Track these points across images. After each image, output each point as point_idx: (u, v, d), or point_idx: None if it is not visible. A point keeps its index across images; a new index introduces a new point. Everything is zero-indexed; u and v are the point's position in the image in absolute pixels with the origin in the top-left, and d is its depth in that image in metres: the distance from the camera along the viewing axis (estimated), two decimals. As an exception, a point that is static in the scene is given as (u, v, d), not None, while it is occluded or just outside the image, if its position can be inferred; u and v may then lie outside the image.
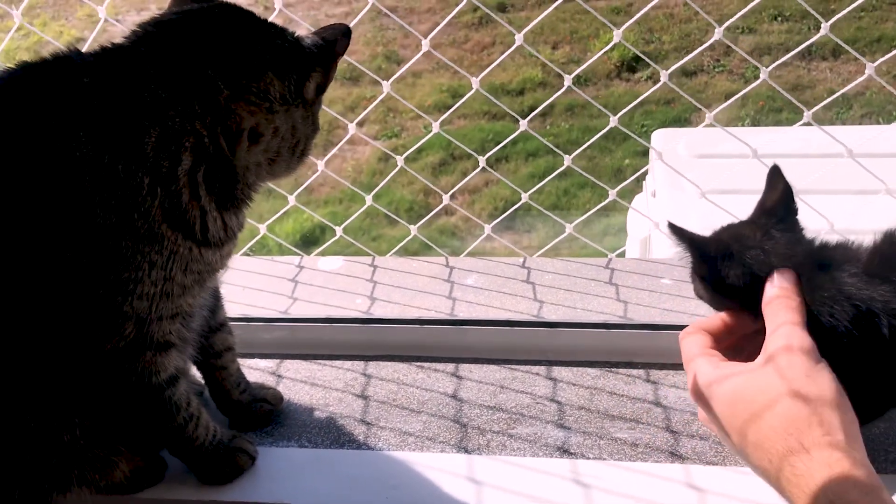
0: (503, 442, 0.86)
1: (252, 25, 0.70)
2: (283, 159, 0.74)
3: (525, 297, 1.07)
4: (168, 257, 0.66)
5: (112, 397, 0.73)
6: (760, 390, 0.66)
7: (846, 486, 0.59)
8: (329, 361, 0.98)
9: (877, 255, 0.74)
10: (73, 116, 0.62)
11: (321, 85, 0.75)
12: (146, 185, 0.63)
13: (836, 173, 1.01)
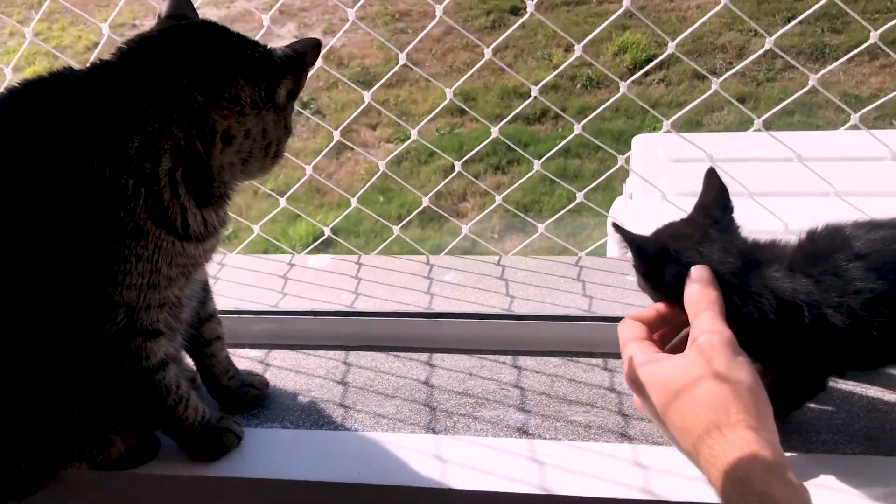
0: (468, 424, 0.93)
1: (225, 39, 0.77)
2: (255, 159, 0.80)
3: (498, 292, 1.14)
4: (153, 251, 0.74)
5: (107, 379, 0.81)
6: (685, 375, 0.73)
7: (754, 463, 0.65)
8: (313, 351, 1.06)
9: (800, 253, 0.80)
10: (64, 128, 0.70)
11: (292, 91, 0.81)
12: (131, 186, 0.71)
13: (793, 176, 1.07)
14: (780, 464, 0.66)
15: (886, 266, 0.75)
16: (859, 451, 0.84)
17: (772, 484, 0.64)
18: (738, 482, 0.65)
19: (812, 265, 0.78)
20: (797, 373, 0.83)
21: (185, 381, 0.87)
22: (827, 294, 0.76)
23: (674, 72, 5.03)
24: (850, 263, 0.76)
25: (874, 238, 0.77)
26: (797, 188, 1.11)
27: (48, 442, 0.83)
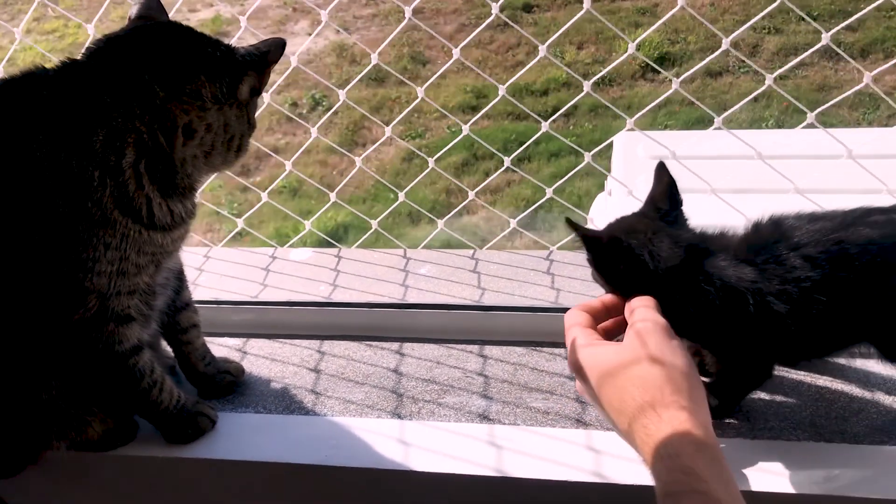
0: (432, 409, 0.97)
1: (187, 38, 0.81)
2: (218, 153, 0.84)
3: (470, 284, 1.18)
4: (121, 240, 0.78)
5: (83, 363, 0.85)
6: (622, 358, 0.76)
7: (684, 441, 0.69)
8: (290, 340, 1.11)
9: (745, 243, 0.84)
10: (33, 123, 0.75)
11: (255, 87, 0.85)
12: (97, 178, 0.75)
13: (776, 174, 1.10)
14: (709, 444, 0.69)
15: (823, 255, 0.78)
16: (803, 437, 0.87)
17: (698, 461, 0.66)
18: (668, 458, 0.68)
19: (755, 254, 0.81)
20: (743, 359, 0.86)
21: (159, 367, 0.92)
22: (769, 282, 0.79)
23: (686, 69, 5.02)
24: (790, 252, 0.79)
25: (813, 229, 0.80)
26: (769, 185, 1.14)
27: (30, 423, 0.88)
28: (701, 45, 5.13)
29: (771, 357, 0.87)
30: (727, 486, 0.66)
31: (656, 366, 0.74)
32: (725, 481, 0.67)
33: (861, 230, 0.78)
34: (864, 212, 0.81)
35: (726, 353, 0.87)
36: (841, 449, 0.86)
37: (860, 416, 0.89)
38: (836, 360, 0.97)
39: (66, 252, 0.77)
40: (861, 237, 0.77)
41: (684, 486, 0.65)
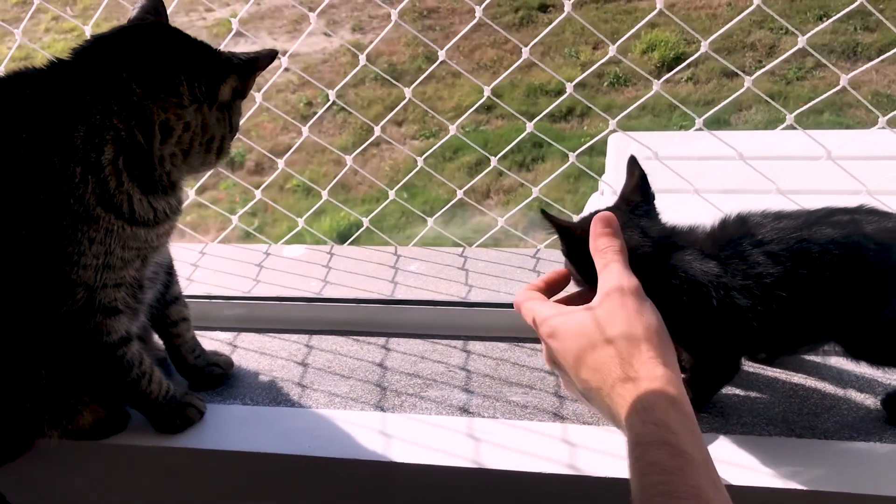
0: (414, 403, 0.99)
1: (170, 38, 0.84)
2: (196, 153, 0.86)
3: (458, 281, 1.20)
4: (105, 234, 0.81)
5: (73, 353, 0.88)
6: (600, 324, 0.77)
7: (659, 396, 0.70)
8: (279, 335, 1.13)
9: (711, 238, 0.85)
10: (16, 121, 0.77)
11: (237, 90, 0.88)
12: (78, 174, 0.77)
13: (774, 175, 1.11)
14: (681, 400, 0.71)
15: (785, 253, 0.80)
16: (775, 433, 0.89)
17: (671, 415, 0.69)
18: (643, 411, 0.70)
19: (720, 249, 0.83)
20: (711, 352, 0.88)
21: (148, 358, 0.94)
22: (733, 276, 0.81)
23: (702, 70, 5.01)
24: (754, 248, 0.81)
25: (777, 227, 0.82)
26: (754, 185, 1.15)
27: (24, 411, 0.91)
28: (717, 45, 5.11)
29: (737, 350, 0.88)
30: (695, 440, 0.68)
31: (633, 325, 0.75)
32: (693, 435, 0.69)
33: (823, 229, 0.79)
34: (827, 212, 0.82)
35: (694, 346, 0.88)
36: (811, 444, 0.87)
37: (831, 413, 0.91)
38: (810, 359, 0.98)
39: (52, 246, 0.79)
40: (823, 236, 0.79)
41: (655, 436, 0.67)
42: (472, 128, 4.64)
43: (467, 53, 5.32)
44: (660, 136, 1.91)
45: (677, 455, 0.65)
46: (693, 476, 0.64)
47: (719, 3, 5.65)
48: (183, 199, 0.92)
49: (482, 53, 5.33)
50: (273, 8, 5.56)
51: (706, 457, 0.68)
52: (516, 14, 5.70)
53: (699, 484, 0.64)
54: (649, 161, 1.25)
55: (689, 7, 5.68)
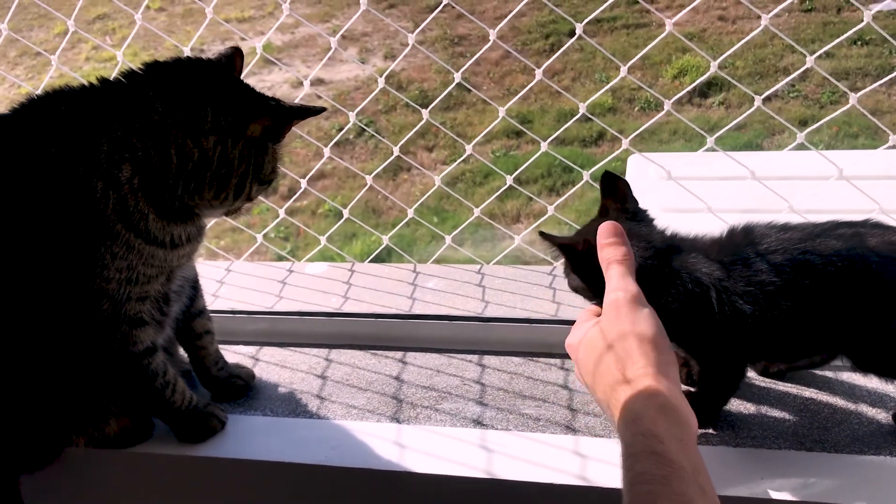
0: (429, 415, 1.01)
1: (213, 73, 0.86)
2: (215, 189, 0.86)
3: (475, 298, 1.22)
4: (127, 251, 0.84)
5: (101, 363, 0.92)
6: (601, 335, 0.79)
7: (647, 404, 0.72)
8: (300, 349, 1.16)
9: (717, 245, 0.87)
10: (49, 135, 0.81)
11: (270, 131, 0.87)
12: (100, 189, 0.80)
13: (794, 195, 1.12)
14: (672, 406, 0.72)
15: (788, 263, 0.81)
16: (785, 446, 0.89)
17: (660, 424, 0.69)
18: (631, 422, 0.71)
19: (725, 255, 0.85)
20: (715, 357, 0.89)
21: (172, 369, 0.98)
22: (735, 282, 0.83)
23: (734, 94, 5.00)
24: (757, 257, 0.83)
25: (782, 237, 0.83)
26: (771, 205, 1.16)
27: (54, 420, 0.95)
28: (749, 69, 5.10)
29: (740, 355, 0.89)
30: (684, 448, 0.68)
31: (628, 338, 0.77)
32: (683, 443, 0.69)
33: (828, 241, 0.81)
34: (832, 225, 0.83)
35: (698, 350, 0.90)
36: (821, 458, 0.87)
37: (842, 427, 0.91)
38: (821, 373, 0.99)
39: (78, 259, 0.83)
40: (827, 248, 0.80)
41: (643, 446, 0.68)
42: (502, 153, 4.67)
43: (497, 80, 5.37)
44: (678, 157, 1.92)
45: (664, 464, 0.66)
46: (679, 484, 0.65)
47: (751, 28, 5.63)
48: (205, 227, 0.94)
49: (512, 79, 5.37)
50: (307, 37, 5.67)
51: (696, 465, 0.68)
52: (546, 40, 5.74)
53: (685, 492, 0.64)
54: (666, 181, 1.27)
55: (720, 32, 5.68)
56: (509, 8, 6.10)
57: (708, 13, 5.76)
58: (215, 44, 5.34)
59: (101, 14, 6.25)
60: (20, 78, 5.38)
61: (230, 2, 6.21)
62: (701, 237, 0.90)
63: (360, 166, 4.57)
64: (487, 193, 4.27)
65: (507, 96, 5.10)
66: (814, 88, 4.88)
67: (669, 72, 5.15)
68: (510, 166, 4.41)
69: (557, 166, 4.38)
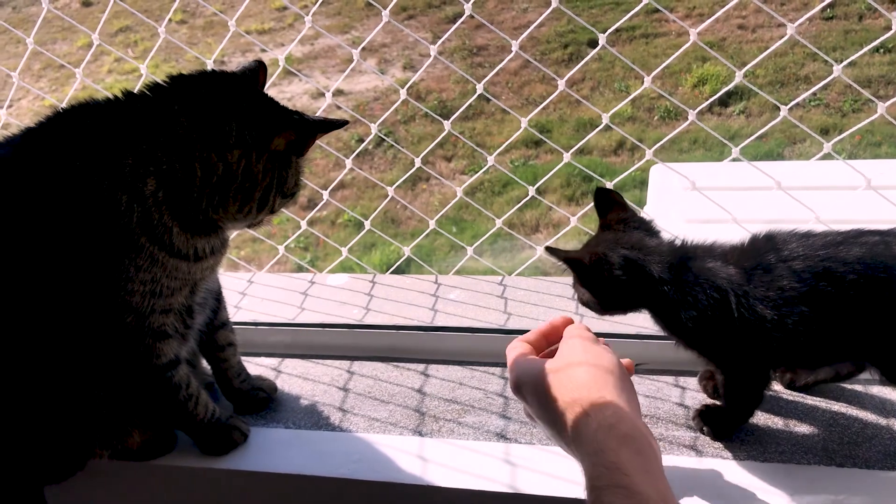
0: (452, 428, 1.01)
1: (237, 87, 0.86)
2: (239, 202, 0.86)
3: (497, 309, 1.22)
4: (151, 264, 0.84)
5: (124, 375, 0.92)
6: (553, 367, 0.79)
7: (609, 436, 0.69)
8: (322, 360, 1.16)
9: (737, 251, 0.87)
10: (74, 148, 0.81)
11: (294, 145, 0.87)
12: (124, 202, 0.80)
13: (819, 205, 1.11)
14: (634, 437, 0.70)
15: (809, 269, 0.80)
16: (814, 461, 0.88)
17: (622, 455, 0.68)
18: (593, 454, 0.69)
19: (745, 260, 0.85)
20: (736, 363, 0.88)
21: (195, 381, 0.98)
22: (756, 287, 0.82)
23: (754, 103, 4.97)
24: (779, 263, 0.82)
25: (805, 244, 0.82)
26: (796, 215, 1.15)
27: (78, 432, 0.95)
28: (770, 78, 5.07)
29: (762, 362, 0.88)
30: (650, 478, 0.67)
31: (581, 367, 0.77)
32: (649, 473, 0.67)
33: (851, 249, 0.80)
34: (857, 232, 0.82)
35: (721, 357, 0.89)
36: (850, 474, 0.86)
37: (873, 442, 0.89)
38: (851, 387, 0.97)
39: (103, 271, 0.83)
40: (850, 255, 0.79)
41: (607, 480, 0.66)
42: (520, 162, 4.66)
43: (516, 89, 5.37)
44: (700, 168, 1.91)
45: (630, 496, 0.64)
46: None
47: (771, 37, 5.60)
48: (228, 239, 0.94)
49: (531, 89, 5.37)
50: (326, 48, 5.70)
51: (663, 494, 0.66)
52: (565, 50, 5.74)
53: None
54: (689, 192, 1.26)
55: (740, 41, 5.65)
56: (527, 18, 6.12)
57: (728, 22, 5.73)
58: (236, 56, 5.38)
59: (124, 27, 6.32)
60: (44, 90, 5.44)
61: (251, 14, 6.26)
62: (718, 244, 0.89)
63: (380, 176, 4.58)
64: (506, 203, 4.26)
65: (526, 106, 5.10)
66: (835, 97, 4.84)
67: (689, 80, 5.13)
68: (529, 176, 4.40)
69: (577, 176, 4.37)
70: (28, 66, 5.92)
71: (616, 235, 0.89)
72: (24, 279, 0.83)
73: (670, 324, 0.87)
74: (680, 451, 0.92)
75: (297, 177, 0.92)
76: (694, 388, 1.02)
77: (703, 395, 1.01)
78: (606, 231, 0.91)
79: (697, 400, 1.00)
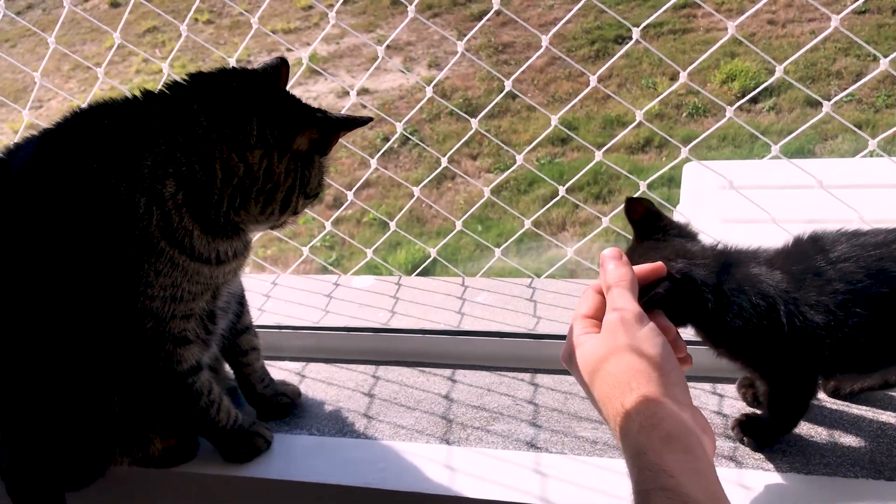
0: (480, 436, 0.97)
1: (259, 84, 0.83)
2: (258, 200, 0.83)
3: (526, 313, 1.18)
4: (171, 268, 0.81)
5: (145, 382, 0.90)
6: (599, 354, 0.73)
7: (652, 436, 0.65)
8: (347, 365, 1.13)
9: (782, 255, 0.82)
10: (91, 150, 0.79)
11: (318, 143, 0.85)
12: (143, 205, 0.78)
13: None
14: (679, 434, 0.66)
15: (863, 270, 0.76)
16: (861, 474, 0.84)
17: (666, 456, 0.64)
18: (636, 455, 0.65)
19: (793, 265, 0.80)
20: (784, 372, 0.83)
21: (217, 387, 0.95)
22: (806, 292, 0.78)
23: (784, 99, 4.89)
24: (829, 265, 0.78)
25: (855, 244, 0.78)
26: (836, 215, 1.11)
27: (99, 438, 0.93)
28: (801, 73, 4.98)
29: (811, 370, 0.84)
30: (699, 478, 0.63)
31: (623, 356, 0.71)
32: (698, 472, 0.64)
33: None
34: None
35: (766, 366, 0.84)
36: (901, 488, 0.82)
37: (924, 455, 0.85)
38: (895, 394, 0.93)
39: (121, 276, 0.80)
40: None
41: (652, 483, 0.63)
42: (546, 160, 4.62)
43: (542, 87, 5.32)
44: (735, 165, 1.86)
45: (676, 498, 0.61)
46: None
47: (801, 32, 5.50)
48: (251, 241, 0.91)
49: (557, 86, 5.32)
50: (352, 47, 5.69)
51: (715, 494, 0.62)
52: (592, 47, 5.68)
53: None
54: (725, 190, 1.22)
55: (770, 36, 5.56)
56: (553, 15, 6.06)
57: (757, 17, 5.64)
58: (261, 55, 5.37)
59: (151, 27, 6.35)
60: (73, 91, 5.48)
61: (276, 13, 6.26)
62: (761, 248, 0.84)
63: (405, 175, 4.56)
64: (532, 201, 4.22)
65: (553, 103, 5.05)
66: (868, 92, 4.75)
67: (718, 77, 5.05)
68: (556, 174, 4.36)
69: (604, 173, 4.31)
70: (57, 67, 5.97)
71: (657, 245, 0.85)
72: (41, 285, 0.81)
73: (714, 334, 0.82)
74: (718, 462, 0.88)
75: (321, 177, 0.89)
76: (732, 395, 0.98)
77: (742, 403, 0.97)
78: (642, 242, 0.87)
79: (736, 408, 0.96)
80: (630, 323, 0.73)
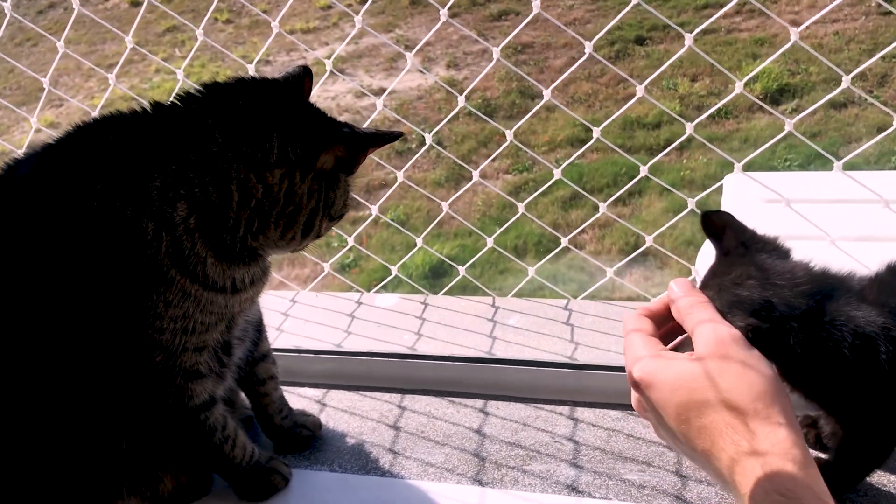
0: (516, 477, 0.90)
1: (279, 96, 0.76)
2: (277, 224, 0.76)
3: (562, 338, 1.10)
4: (182, 298, 0.74)
5: (154, 418, 0.82)
6: (709, 379, 0.65)
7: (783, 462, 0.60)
8: (370, 393, 1.06)
9: (875, 284, 0.73)
10: (93, 170, 0.71)
11: (344, 162, 0.78)
12: (151, 231, 0.70)
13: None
14: (804, 461, 0.60)
15: None
16: (943, 532, 0.75)
17: (797, 481, 0.59)
18: (766, 480, 0.59)
19: (889, 297, 0.71)
20: (869, 420, 0.74)
21: (232, 421, 0.88)
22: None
23: (807, 101, 4.79)
24: None
25: None
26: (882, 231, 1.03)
27: (103, 477, 0.86)
28: (824, 75, 4.87)
29: None
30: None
31: (747, 376, 0.64)
32: (821, 501, 0.58)
33: None
34: None
35: (849, 412, 0.75)
36: None
37: None
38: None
39: (127, 308, 0.73)
40: None
41: None
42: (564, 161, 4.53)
43: (562, 87, 5.24)
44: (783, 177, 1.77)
45: None
46: None
47: (825, 33, 5.40)
48: (269, 266, 0.83)
49: (577, 87, 5.24)
50: (370, 47, 5.62)
51: None
52: (612, 47, 5.60)
53: None
54: (774, 205, 1.13)
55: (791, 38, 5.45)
56: (573, 16, 5.98)
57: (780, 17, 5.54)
58: (280, 55, 5.32)
59: (171, 26, 6.30)
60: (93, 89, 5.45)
61: (296, 13, 6.20)
62: (850, 274, 0.75)
63: (423, 175, 4.49)
64: (551, 203, 4.14)
65: (572, 104, 4.97)
66: (893, 94, 4.65)
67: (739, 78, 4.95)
68: (575, 175, 4.28)
69: (623, 175, 4.24)
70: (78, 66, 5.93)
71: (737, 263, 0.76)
72: (42, 315, 0.74)
73: (789, 371, 0.73)
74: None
75: (346, 197, 0.82)
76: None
77: (803, 444, 0.89)
78: (725, 258, 0.78)
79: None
80: (739, 341, 0.66)
